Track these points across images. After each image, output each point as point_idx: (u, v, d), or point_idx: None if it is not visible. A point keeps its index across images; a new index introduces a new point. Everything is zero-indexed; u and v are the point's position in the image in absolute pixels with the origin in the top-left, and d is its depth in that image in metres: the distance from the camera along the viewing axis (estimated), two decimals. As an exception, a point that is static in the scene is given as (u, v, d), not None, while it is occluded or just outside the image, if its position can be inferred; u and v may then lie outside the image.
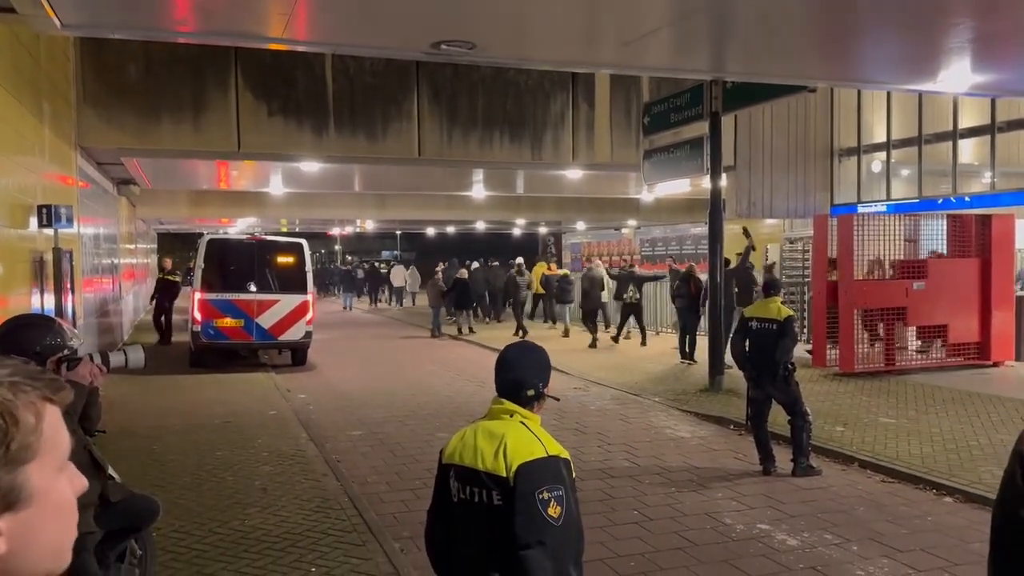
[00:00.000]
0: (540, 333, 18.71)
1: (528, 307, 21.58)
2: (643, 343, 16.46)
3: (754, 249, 13.55)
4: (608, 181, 20.42)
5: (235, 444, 8.39)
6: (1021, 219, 13.94)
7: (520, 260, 21.84)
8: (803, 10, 6.63)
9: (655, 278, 18.28)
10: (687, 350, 14.11)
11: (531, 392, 2.47)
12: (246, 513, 6.14)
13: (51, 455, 0.93)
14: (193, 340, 13.95)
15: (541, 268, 23.42)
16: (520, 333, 18.57)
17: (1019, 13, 6.59)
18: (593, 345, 16.37)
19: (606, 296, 17.47)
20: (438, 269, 22.40)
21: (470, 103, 13.98)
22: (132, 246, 22.49)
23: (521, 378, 2.48)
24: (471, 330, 19.59)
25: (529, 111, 14.36)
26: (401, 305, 31.88)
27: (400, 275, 32.70)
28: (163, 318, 17.80)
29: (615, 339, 16.88)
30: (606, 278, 17.49)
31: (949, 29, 6.87)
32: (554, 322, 21.45)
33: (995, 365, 12.85)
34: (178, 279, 19.15)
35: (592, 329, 16.85)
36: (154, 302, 18.46)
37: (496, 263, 26.53)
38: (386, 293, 34.44)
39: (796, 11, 6.64)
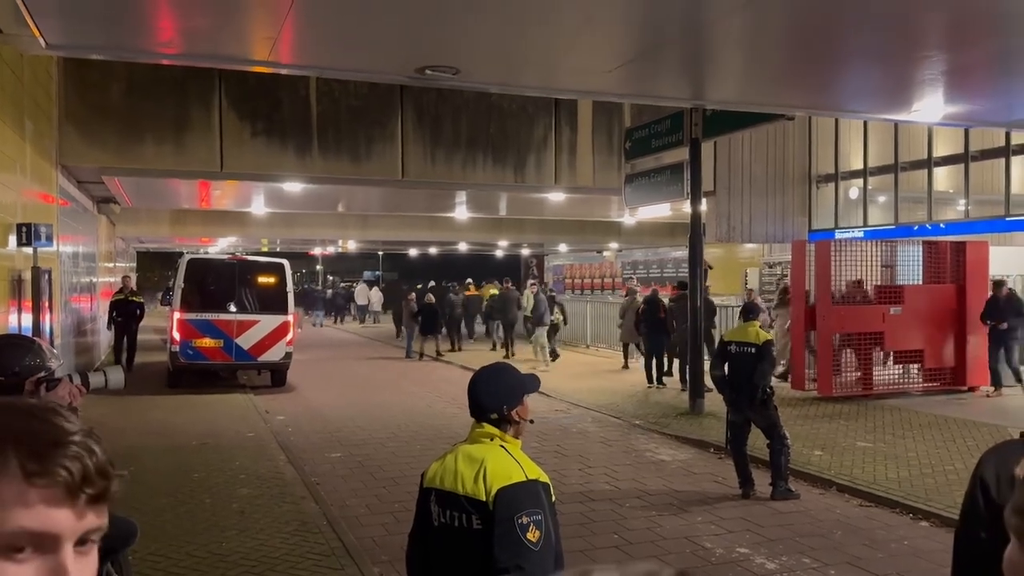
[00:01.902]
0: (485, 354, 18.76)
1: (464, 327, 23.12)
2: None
3: (711, 267, 14.18)
4: (590, 204, 20.56)
5: (213, 466, 8.32)
6: (995, 246, 14.19)
7: (468, 280, 24.31)
8: (781, 41, 6.78)
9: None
10: (657, 374, 14.14)
11: (495, 415, 2.46)
12: (224, 536, 6.09)
13: None
14: (171, 360, 13.82)
15: (491, 289, 24.08)
16: (505, 352, 18.78)
17: (988, 47, 6.78)
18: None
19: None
20: (412, 294, 22.56)
21: (454, 125, 14.08)
22: (111, 265, 22.30)
23: (484, 402, 2.49)
24: (438, 353, 19.97)
25: (512, 134, 14.48)
26: (363, 322, 34.00)
27: (364, 294, 35.31)
28: (126, 341, 15.90)
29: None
30: (524, 299, 19.44)
31: (923, 61, 7.05)
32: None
33: (970, 390, 13.01)
34: (141, 300, 16.90)
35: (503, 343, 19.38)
36: (114, 326, 16.15)
37: (453, 284, 27.87)
38: (352, 311, 36.53)
39: (773, 42, 6.78)
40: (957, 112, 9.11)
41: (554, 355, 17.55)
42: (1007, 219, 14.82)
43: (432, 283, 26.53)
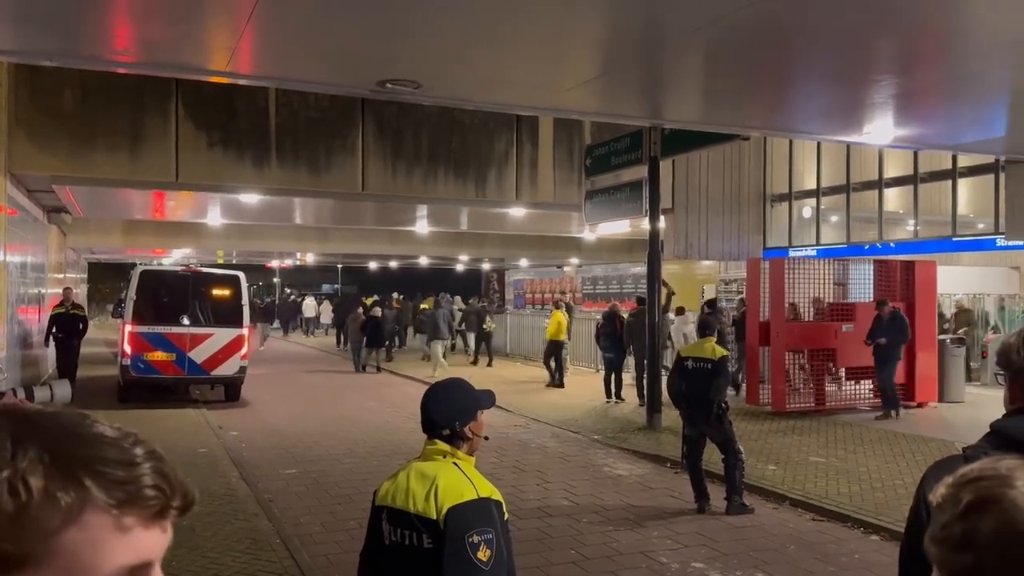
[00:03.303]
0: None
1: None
2: (489, 364, 20.15)
3: (674, 293, 14.43)
4: (551, 220, 20.68)
5: (163, 482, 8.12)
6: (942, 266, 14.59)
7: (395, 294, 26.08)
8: (736, 64, 6.92)
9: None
10: (614, 388, 14.25)
11: (447, 431, 2.45)
12: (174, 554, 5.92)
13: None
14: (122, 374, 13.50)
15: (429, 302, 24.72)
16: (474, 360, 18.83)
17: (936, 72, 7.01)
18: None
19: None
20: (360, 307, 22.72)
21: (415, 139, 14.06)
22: (61, 276, 21.74)
23: (435, 418, 2.47)
24: (378, 368, 20.09)
25: (474, 149, 14.51)
26: (312, 335, 34.87)
27: (312, 307, 36.55)
28: (68, 359, 14.64)
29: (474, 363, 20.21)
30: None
31: (873, 85, 7.25)
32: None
33: (920, 406, 13.31)
34: (85, 314, 15.66)
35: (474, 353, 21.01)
36: (55, 342, 14.68)
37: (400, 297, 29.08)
38: (301, 324, 37.30)
39: (729, 65, 6.92)
40: (906, 135, 9.40)
41: (559, 375, 16.88)
42: (954, 239, 15.26)
43: (376, 296, 26.78)
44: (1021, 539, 0.99)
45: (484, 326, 20.51)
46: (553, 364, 16.43)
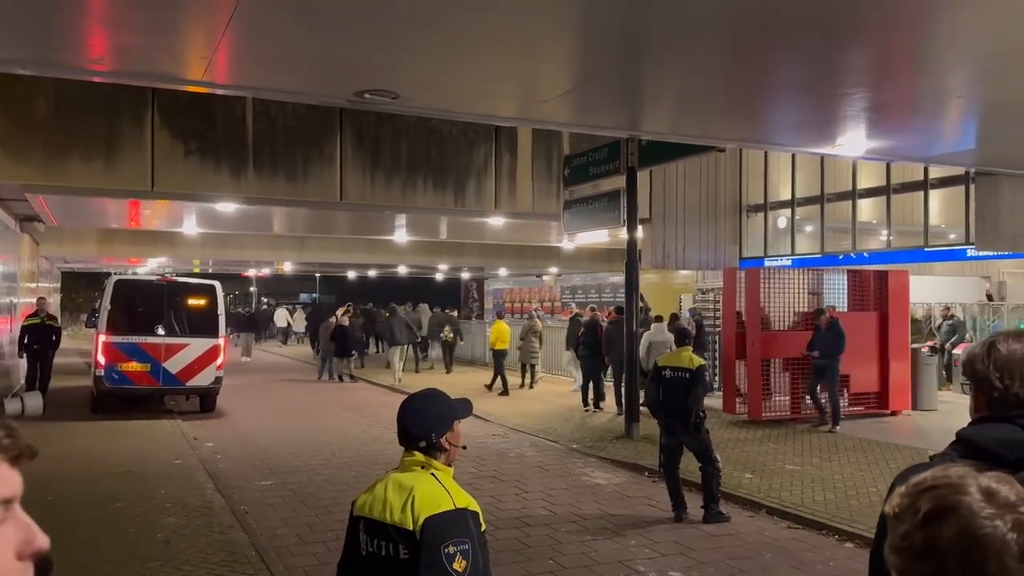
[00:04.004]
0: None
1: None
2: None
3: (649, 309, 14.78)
4: (530, 229, 20.74)
5: (137, 494, 8.03)
6: (915, 275, 14.79)
7: (349, 303, 26.90)
8: (711, 77, 7.00)
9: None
10: (593, 397, 14.27)
11: (423, 443, 2.45)
12: (147, 568, 5.88)
13: None
14: (96, 385, 13.33)
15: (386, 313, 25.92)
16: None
17: (907, 85, 7.14)
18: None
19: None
20: (332, 317, 22.72)
21: (394, 149, 14.04)
22: (34, 285, 21.44)
23: (412, 429, 2.47)
24: (352, 377, 20.19)
25: (452, 159, 14.52)
26: (287, 343, 35.46)
27: (283, 317, 37.46)
28: (40, 370, 14.27)
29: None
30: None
31: (845, 98, 7.37)
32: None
33: (893, 414, 13.48)
34: (59, 324, 15.44)
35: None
36: (28, 354, 14.22)
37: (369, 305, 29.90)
38: (275, 333, 37.96)
39: (705, 78, 7.00)
40: (878, 147, 9.54)
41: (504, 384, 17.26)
42: (926, 249, 15.49)
43: (348, 305, 27.04)
44: (979, 545, 1.03)
45: (442, 335, 21.24)
46: (504, 372, 17.04)
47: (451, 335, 21.24)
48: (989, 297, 17.54)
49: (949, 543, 1.04)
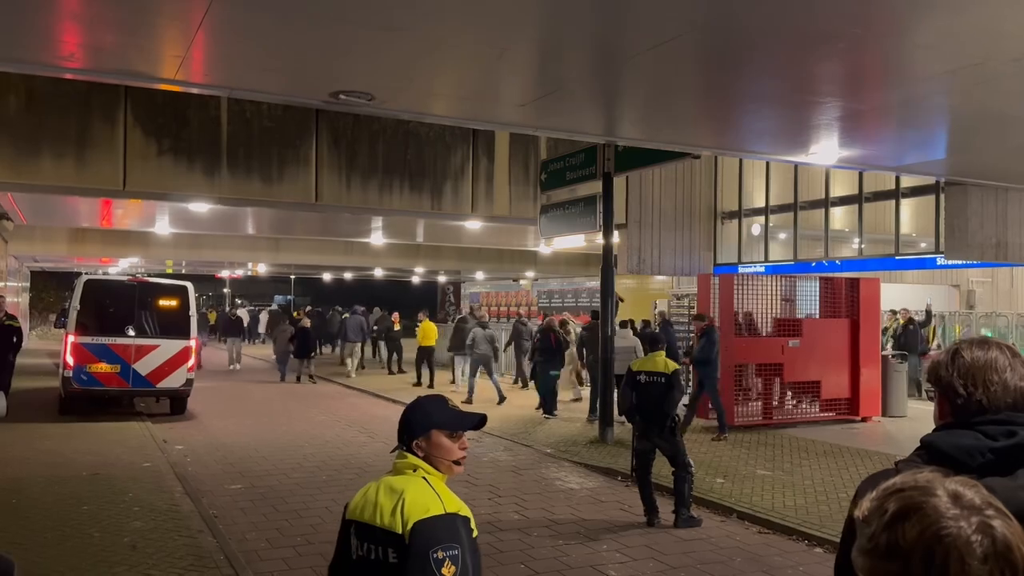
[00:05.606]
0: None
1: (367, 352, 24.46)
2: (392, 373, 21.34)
3: (622, 300, 14.84)
4: (507, 233, 20.77)
5: (104, 498, 7.91)
6: (886, 283, 14.99)
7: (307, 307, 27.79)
8: (686, 84, 7.05)
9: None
10: (548, 404, 14.21)
11: (404, 446, 2.46)
12: (113, 572, 5.78)
13: None
14: (64, 386, 13.11)
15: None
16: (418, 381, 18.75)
17: (879, 95, 7.23)
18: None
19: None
20: (287, 321, 22.81)
21: (370, 151, 13.99)
22: (1, 284, 21.07)
23: (399, 431, 2.49)
24: (311, 378, 20.29)
25: (429, 161, 14.50)
26: (252, 343, 35.78)
27: (244, 315, 38.07)
28: (1, 375, 13.18)
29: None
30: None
31: (818, 107, 7.46)
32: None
33: (863, 420, 13.63)
34: (19, 325, 14.13)
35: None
36: None
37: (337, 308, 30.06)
38: (262, 338, 38.17)
39: (679, 85, 7.05)
40: (851, 156, 9.67)
41: (431, 379, 18.46)
42: (897, 257, 15.71)
43: (309, 307, 26.95)
44: (943, 544, 1.04)
45: (391, 335, 22.27)
46: (425, 369, 18.42)
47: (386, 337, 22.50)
48: (928, 313, 17.69)
49: (913, 542, 1.05)
